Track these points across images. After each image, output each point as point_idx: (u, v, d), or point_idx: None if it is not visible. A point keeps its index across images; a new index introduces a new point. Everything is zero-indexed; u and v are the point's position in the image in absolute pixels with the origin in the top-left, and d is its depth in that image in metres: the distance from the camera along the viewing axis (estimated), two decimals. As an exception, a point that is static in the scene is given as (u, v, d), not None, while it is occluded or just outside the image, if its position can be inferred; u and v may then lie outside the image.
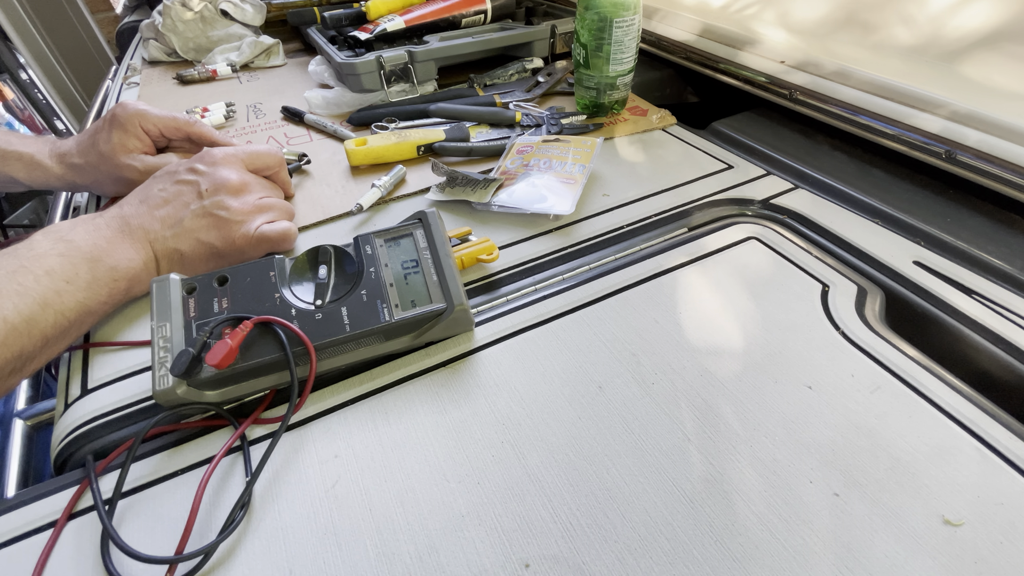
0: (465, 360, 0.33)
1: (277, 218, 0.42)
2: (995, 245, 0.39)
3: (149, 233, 0.37)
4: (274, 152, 0.45)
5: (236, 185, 0.40)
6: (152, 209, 0.38)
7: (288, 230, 0.41)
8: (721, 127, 0.57)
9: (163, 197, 0.39)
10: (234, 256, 0.39)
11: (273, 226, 0.40)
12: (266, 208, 0.41)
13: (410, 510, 0.26)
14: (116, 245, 0.35)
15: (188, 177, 0.40)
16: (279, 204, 0.43)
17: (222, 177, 0.40)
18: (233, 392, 0.31)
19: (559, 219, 0.44)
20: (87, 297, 0.32)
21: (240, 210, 0.39)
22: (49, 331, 0.30)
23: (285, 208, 0.44)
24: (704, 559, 0.24)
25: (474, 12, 0.72)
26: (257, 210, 0.40)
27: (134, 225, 0.37)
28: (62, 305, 0.31)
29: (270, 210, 0.42)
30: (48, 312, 0.30)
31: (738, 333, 0.34)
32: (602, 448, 0.28)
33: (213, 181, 0.39)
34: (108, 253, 0.34)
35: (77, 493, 0.28)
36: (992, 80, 0.41)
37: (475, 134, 0.56)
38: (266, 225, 0.40)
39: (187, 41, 0.83)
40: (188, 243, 0.38)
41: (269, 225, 0.40)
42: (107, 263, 0.34)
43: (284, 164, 0.46)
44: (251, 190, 0.41)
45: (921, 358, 0.31)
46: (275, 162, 0.45)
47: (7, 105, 1.52)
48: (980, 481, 0.26)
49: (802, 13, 0.54)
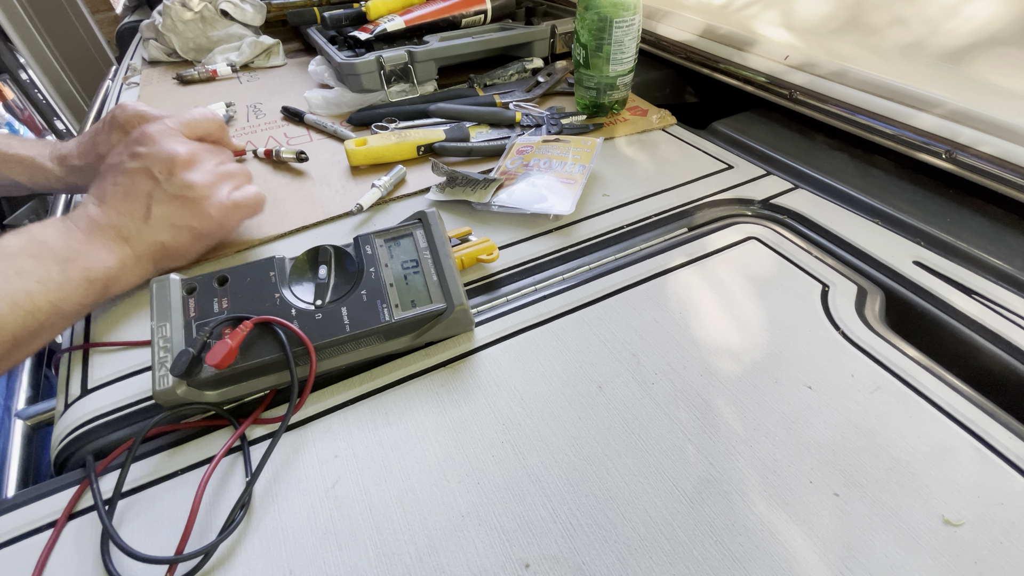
0: (465, 360, 0.33)
1: (241, 183, 0.41)
2: (995, 245, 0.39)
3: (121, 230, 0.36)
4: (211, 116, 0.43)
5: (186, 158, 0.38)
6: (115, 205, 0.37)
7: (258, 193, 0.41)
8: (721, 127, 0.57)
9: (121, 191, 0.37)
10: (215, 231, 0.38)
11: (243, 192, 0.39)
12: (227, 175, 0.40)
13: (410, 510, 0.26)
14: (89, 246, 0.34)
15: (134, 164, 0.37)
16: (237, 169, 0.41)
17: (168, 153, 0.38)
18: (233, 392, 0.31)
19: (559, 219, 0.44)
20: (59, 299, 0.32)
21: (204, 183, 0.38)
22: (19, 332, 0.30)
23: (244, 171, 0.42)
24: (704, 559, 0.24)
25: (474, 12, 0.72)
26: (219, 179, 0.39)
27: (104, 224, 0.36)
28: (32, 306, 0.30)
29: (232, 176, 0.40)
30: (18, 312, 0.30)
31: (738, 333, 0.34)
32: (602, 448, 0.28)
33: (161, 161, 0.37)
34: (81, 254, 0.34)
35: (77, 493, 0.28)
36: (992, 80, 0.41)
37: (475, 134, 0.56)
38: (235, 193, 0.39)
39: (187, 41, 0.83)
40: (166, 233, 0.37)
41: (238, 192, 0.39)
42: (80, 264, 0.33)
43: (224, 127, 0.44)
44: (203, 159, 0.40)
45: (921, 358, 0.31)
46: (215, 127, 0.43)
47: (7, 105, 1.52)
48: (980, 481, 0.26)
49: (802, 13, 0.54)
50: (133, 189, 0.37)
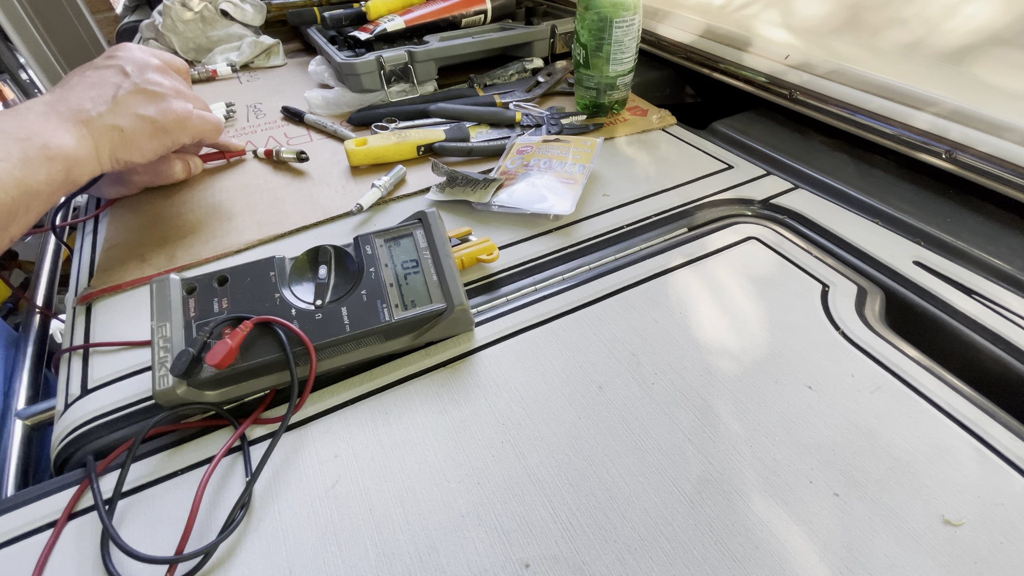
0: (465, 360, 0.33)
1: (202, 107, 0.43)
2: (995, 245, 0.39)
3: (80, 113, 0.36)
4: (179, 59, 0.45)
5: (159, 66, 0.40)
6: (77, 91, 0.37)
7: (220, 120, 0.43)
8: (721, 127, 0.57)
9: (85, 83, 0.37)
10: (175, 130, 0.39)
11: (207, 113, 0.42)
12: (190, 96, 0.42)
13: (410, 510, 0.26)
14: (45, 125, 0.34)
15: (107, 63, 0.39)
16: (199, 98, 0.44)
17: (143, 58, 0.40)
18: (233, 392, 0.31)
19: (559, 219, 0.44)
20: (25, 175, 0.31)
21: (172, 87, 0.39)
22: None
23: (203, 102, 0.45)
24: (704, 559, 0.24)
25: (474, 12, 0.72)
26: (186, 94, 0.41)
27: (60, 109, 0.35)
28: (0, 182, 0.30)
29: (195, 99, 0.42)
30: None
31: (738, 333, 0.34)
32: (602, 448, 0.28)
33: (135, 62, 0.39)
34: (37, 133, 0.33)
35: (77, 493, 0.28)
36: (992, 80, 0.41)
37: (475, 134, 0.56)
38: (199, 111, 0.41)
39: (187, 41, 0.83)
40: (126, 119, 0.37)
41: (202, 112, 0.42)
42: (37, 141, 0.33)
43: (188, 70, 0.47)
44: (172, 77, 0.42)
45: (921, 358, 0.31)
46: (182, 68, 0.45)
47: (7, 105, 1.52)
48: (980, 481, 0.26)
49: (802, 13, 0.54)
50: (102, 80, 0.38)
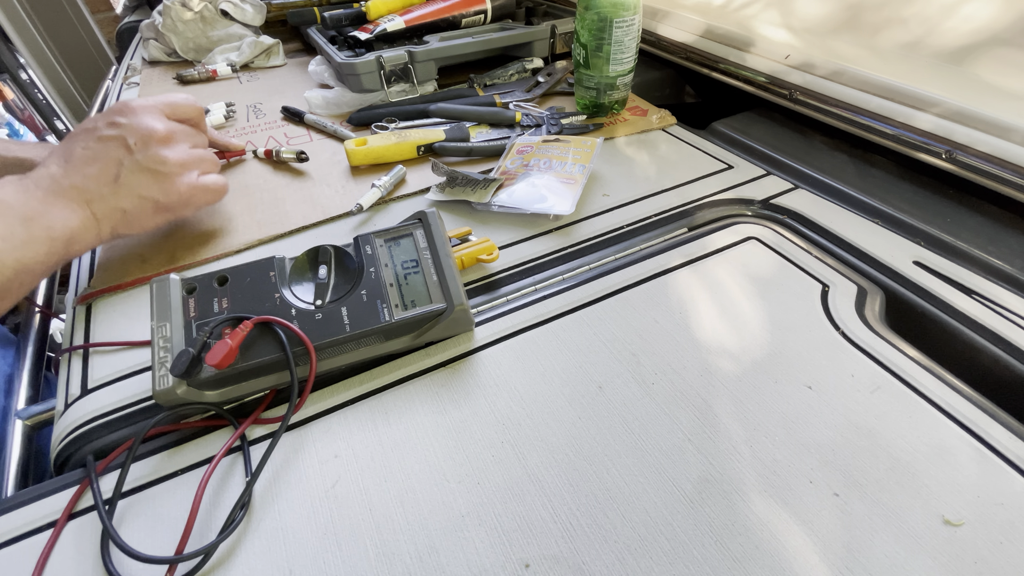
0: (465, 360, 0.33)
1: (210, 169, 0.42)
2: (995, 245, 0.39)
3: (84, 192, 0.36)
4: (192, 102, 0.44)
5: (163, 134, 0.39)
6: (81, 167, 0.37)
7: (224, 182, 0.43)
8: (721, 127, 0.57)
9: (88, 155, 0.37)
10: (177, 208, 0.39)
11: (210, 177, 0.41)
12: (199, 159, 0.42)
13: (410, 510, 0.26)
14: (49, 205, 0.34)
15: (110, 132, 0.38)
16: (208, 156, 0.43)
17: (147, 127, 0.39)
18: (233, 392, 0.31)
19: (559, 219, 0.44)
20: (24, 256, 0.32)
21: (177, 161, 0.39)
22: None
23: (213, 159, 0.44)
24: (704, 559, 0.24)
25: (474, 12, 0.72)
26: (192, 161, 0.41)
27: (65, 185, 0.36)
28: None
29: (202, 161, 0.42)
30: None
31: (738, 333, 0.34)
32: (602, 448, 0.28)
33: (139, 133, 0.38)
34: (42, 213, 0.34)
35: (77, 493, 0.28)
36: (992, 80, 0.41)
37: (475, 134, 0.56)
38: (203, 177, 0.41)
39: (187, 41, 0.83)
40: (129, 200, 0.37)
41: (206, 177, 0.41)
42: (42, 223, 0.33)
43: (203, 115, 0.46)
44: (179, 139, 0.41)
45: (921, 358, 0.31)
46: (194, 113, 0.44)
47: (7, 105, 1.52)
48: (980, 481, 0.26)
49: (802, 13, 0.54)
50: (104, 154, 0.37)
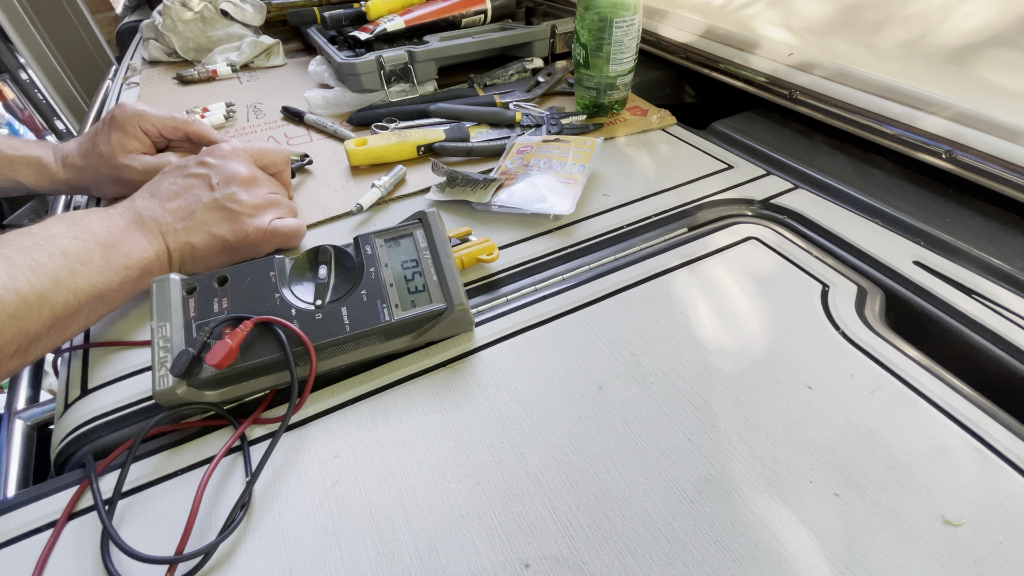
0: (465, 360, 0.33)
1: (286, 215, 0.43)
2: (995, 245, 0.39)
3: (161, 225, 0.37)
4: (281, 151, 0.46)
5: (246, 178, 0.41)
6: (164, 202, 0.38)
7: (299, 227, 0.42)
8: (721, 127, 0.57)
9: (174, 191, 0.39)
10: (245, 249, 0.39)
11: (284, 222, 0.41)
12: (275, 204, 0.42)
13: (410, 510, 0.26)
14: (129, 235, 0.35)
15: (198, 171, 0.40)
16: (286, 202, 0.44)
17: (232, 170, 0.40)
18: (233, 392, 0.31)
19: (559, 219, 0.44)
20: (99, 281, 0.32)
21: (251, 203, 0.40)
22: (59, 310, 0.30)
23: (291, 206, 0.44)
24: (704, 559, 0.24)
25: (474, 12, 0.72)
26: (267, 204, 0.41)
27: (146, 217, 0.37)
28: (75, 285, 0.31)
29: (278, 206, 0.42)
30: (60, 291, 0.30)
31: (738, 333, 0.34)
32: (602, 448, 0.28)
33: (224, 174, 0.40)
34: (122, 241, 0.35)
35: (77, 493, 0.28)
36: (992, 80, 0.41)
37: (475, 134, 0.56)
38: (277, 220, 0.41)
39: (187, 41, 0.83)
40: (200, 236, 0.38)
41: (280, 221, 0.41)
42: (120, 251, 0.34)
43: (289, 163, 0.47)
44: (260, 184, 0.42)
45: (921, 358, 0.31)
46: (281, 160, 0.46)
47: (7, 105, 1.52)
48: (980, 481, 0.26)
49: (802, 13, 0.54)
50: (188, 191, 0.39)
